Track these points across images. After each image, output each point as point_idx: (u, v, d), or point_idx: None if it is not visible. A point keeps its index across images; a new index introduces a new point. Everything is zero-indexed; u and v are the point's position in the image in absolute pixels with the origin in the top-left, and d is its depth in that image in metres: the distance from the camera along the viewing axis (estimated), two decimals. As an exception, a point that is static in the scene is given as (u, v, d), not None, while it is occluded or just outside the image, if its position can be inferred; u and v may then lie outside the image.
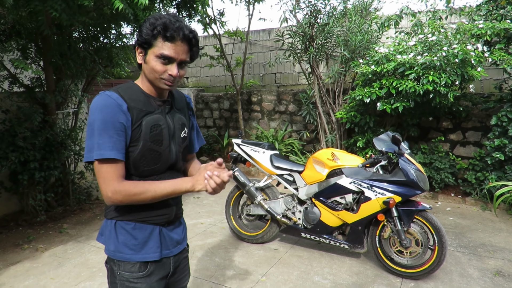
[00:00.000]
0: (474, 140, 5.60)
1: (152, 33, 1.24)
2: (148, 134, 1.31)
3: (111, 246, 1.37)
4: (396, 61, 4.60)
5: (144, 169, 1.34)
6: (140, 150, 1.31)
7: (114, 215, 1.38)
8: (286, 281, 3.13)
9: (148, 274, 1.38)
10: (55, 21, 3.96)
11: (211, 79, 9.37)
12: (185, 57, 1.29)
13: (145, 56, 1.29)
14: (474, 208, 5.01)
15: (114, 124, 1.24)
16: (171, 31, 1.23)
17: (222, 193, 5.71)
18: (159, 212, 1.39)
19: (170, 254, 1.46)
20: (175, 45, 1.25)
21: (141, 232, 1.37)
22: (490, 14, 4.90)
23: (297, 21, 5.97)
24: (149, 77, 1.32)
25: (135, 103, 1.31)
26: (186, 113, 1.53)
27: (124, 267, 1.36)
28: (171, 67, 1.27)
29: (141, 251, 1.37)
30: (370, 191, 3.16)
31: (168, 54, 1.25)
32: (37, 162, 4.36)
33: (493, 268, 3.31)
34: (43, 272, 3.33)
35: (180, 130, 1.45)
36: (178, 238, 1.50)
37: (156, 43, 1.25)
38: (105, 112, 1.24)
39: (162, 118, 1.37)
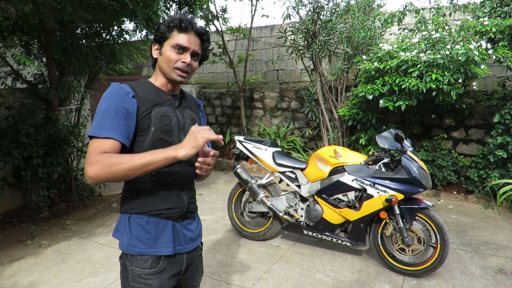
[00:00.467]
0: (477, 137, 5.59)
1: (169, 27, 1.38)
2: (158, 123, 1.36)
3: (125, 240, 1.39)
4: (399, 58, 4.58)
5: None
6: (150, 139, 1.34)
7: (128, 208, 1.40)
8: (288, 278, 3.14)
9: (160, 270, 1.39)
10: (57, 17, 3.96)
11: (213, 76, 9.36)
12: (198, 49, 1.40)
13: (161, 49, 1.40)
14: (476, 206, 5.01)
15: (117, 108, 1.29)
16: (185, 23, 1.37)
17: (225, 190, 5.74)
18: (170, 205, 1.41)
19: (183, 250, 1.46)
20: (189, 35, 1.38)
21: (154, 226, 1.39)
22: (495, 11, 4.87)
23: (300, 18, 5.95)
24: (163, 69, 1.40)
25: (144, 94, 1.38)
26: (196, 111, 1.59)
27: (136, 263, 1.37)
28: (185, 55, 1.38)
29: (154, 245, 1.38)
30: (372, 188, 3.16)
31: (182, 44, 1.36)
32: (40, 158, 4.38)
33: (495, 266, 3.31)
34: (46, 268, 3.35)
35: (191, 124, 1.48)
36: (192, 235, 1.51)
37: (171, 35, 1.38)
38: (111, 98, 1.31)
39: (171, 110, 1.42)
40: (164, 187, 1.40)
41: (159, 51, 1.41)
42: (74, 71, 5.00)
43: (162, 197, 1.40)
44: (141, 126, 1.34)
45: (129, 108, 1.31)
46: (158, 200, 1.39)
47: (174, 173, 1.42)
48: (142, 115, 1.34)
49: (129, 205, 1.40)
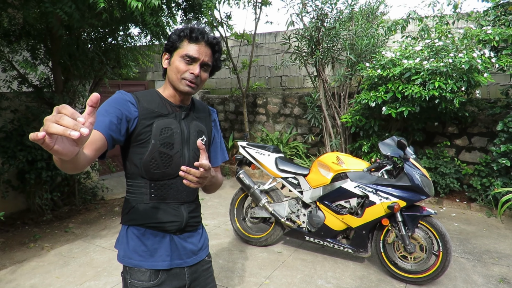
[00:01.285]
0: (480, 145, 5.58)
1: (179, 37, 1.35)
2: (158, 136, 1.32)
3: (121, 252, 1.38)
4: (402, 66, 4.59)
5: (154, 171, 1.34)
6: (149, 152, 1.32)
7: (126, 220, 1.39)
8: (290, 284, 3.14)
9: (159, 284, 1.36)
10: (64, 22, 4.01)
11: (216, 81, 9.41)
12: (208, 59, 1.36)
13: (171, 59, 1.38)
14: (479, 214, 4.99)
15: (110, 109, 1.25)
16: (196, 33, 1.33)
17: (227, 195, 5.74)
18: (168, 218, 1.38)
19: (183, 264, 1.42)
20: (199, 46, 1.34)
21: (151, 238, 1.37)
22: (498, 19, 4.89)
23: (304, 25, 5.99)
24: (172, 79, 1.37)
25: (148, 104, 1.35)
26: (207, 122, 1.53)
27: (134, 276, 1.35)
28: (194, 66, 1.34)
29: (150, 259, 1.36)
30: (375, 195, 3.16)
31: (192, 54, 1.33)
32: (44, 162, 4.41)
33: (498, 275, 3.30)
34: (48, 271, 3.36)
35: (196, 136, 1.44)
36: (193, 248, 1.46)
37: (181, 45, 1.35)
38: (110, 102, 1.28)
39: (174, 122, 1.38)
40: (162, 200, 1.38)
41: (168, 61, 1.38)
42: (79, 75, 5.05)
43: (160, 210, 1.37)
44: (141, 138, 1.32)
45: (124, 112, 1.27)
46: (156, 212, 1.37)
47: (174, 186, 1.39)
48: (143, 125, 1.31)
49: (127, 216, 1.39)
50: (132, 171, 1.36)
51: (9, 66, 4.57)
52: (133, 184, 1.38)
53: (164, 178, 1.36)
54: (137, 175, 1.36)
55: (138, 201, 1.37)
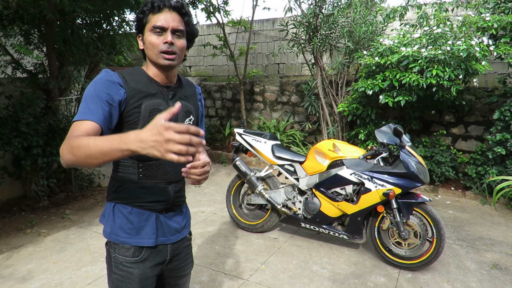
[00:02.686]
0: (476, 134, 5.59)
1: (143, 12, 1.32)
2: (147, 118, 1.30)
3: (108, 228, 1.40)
4: (400, 54, 4.57)
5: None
6: None
7: (113, 198, 1.40)
8: (285, 269, 3.17)
9: (142, 259, 1.39)
10: (57, 6, 3.95)
11: (214, 69, 9.35)
12: (177, 25, 1.32)
13: (143, 37, 1.35)
14: (473, 202, 5.03)
15: (101, 93, 1.24)
16: (157, 2, 1.29)
17: (223, 183, 5.76)
18: (155, 198, 1.39)
19: (167, 241, 1.45)
20: (164, 14, 1.30)
21: (137, 217, 1.38)
22: (498, 7, 4.85)
23: (302, 11, 5.92)
24: (150, 57, 1.34)
25: (135, 84, 1.32)
26: (194, 101, 1.53)
27: (119, 251, 1.38)
28: (165, 35, 1.30)
29: (136, 236, 1.38)
30: (370, 182, 3.18)
31: (159, 24, 1.29)
32: (40, 148, 4.39)
33: (490, 261, 3.34)
34: (45, 256, 3.38)
35: (184, 117, 1.43)
36: (177, 227, 1.49)
37: (148, 20, 1.32)
38: (96, 84, 1.26)
39: (163, 103, 1.36)
40: (150, 180, 1.38)
41: (142, 41, 1.36)
42: (74, 61, 5.00)
43: (147, 189, 1.38)
44: (129, 119, 1.30)
45: (114, 96, 1.26)
46: (143, 192, 1.38)
47: (161, 167, 1.39)
48: (131, 106, 1.30)
49: (114, 194, 1.39)
50: None
51: (2, 51, 4.51)
52: (120, 164, 1.38)
53: (153, 158, 1.35)
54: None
55: (125, 180, 1.37)
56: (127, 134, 0.97)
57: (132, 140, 0.95)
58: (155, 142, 0.89)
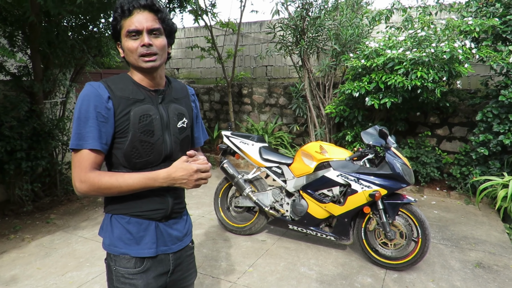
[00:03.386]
0: (460, 135, 5.70)
1: (115, 19, 1.28)
2: (137, 124, 1.28)
3: (107, 240, 1.36)
4: (386, 56, 4.64)
5: (136, 161, 1.30)
6: (130, 141, 1.28)
7: (110, 209, 1.36)
8: (273, 271, 3.18)
9: (144, 270, 1.35)
10: (42, 8, 3.89)
11: (202, 71, 9.33)
12: (152, 24, 1.27)
13: (121, 44, 1.31)
14: (458, 202, 5.12)
15: (93, 114, 1.23)
16: (126, 6, 1.25)
17: (211, 185, 5.74)
18: (153, 207, 1.36)
19: (168, 251, 1.41)
20: (136, 16, 1.26)
21: (136, 226, 1.35)
22: (480, 11, 4.95)
23: (289, 14, 5.96)
24: (132, 62, 1.30)
25: (121, 92, 1.29)
26: (186, 103, 1.49)
27: (119, 263, 1.34)
28: (142, 38, 1.26)
29: (136, 246, 1.34)
30: (357, 184, 3.21)
31: (132, 28, 1.25)
32: (24, 152, 4.31)
33: (474, 260, 3.41)
34: (29, 262, 3.32)
35: (177, 120, 1.40)
36: (178, 235, 1.45)
37: (122, 25, 1.28)
38: (86, 102, 1.24)
39: (152, 108, 1.33)
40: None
41: (122, 49, 1.32)
42: (59, 63, 4.93)
43: (145, 198, 1.34)
44: (120, 128, 1.27)
45: (105, 113, 1.24)
46: (141, 201, 1.34)
47: None
48: (120, 115, 1.27)
49: (111, 205, 1.36)
50: (113, 161, 1.33)
51: (-16, 54, 4.43)
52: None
53: (147, 166, 1.33)
54: (118, 164, 1.32)
55: None
56: (157, 173, 1.27)
57: (163, 178, 1.27)
58: (186, 180, 1.27)
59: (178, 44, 9.58)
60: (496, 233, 4.03)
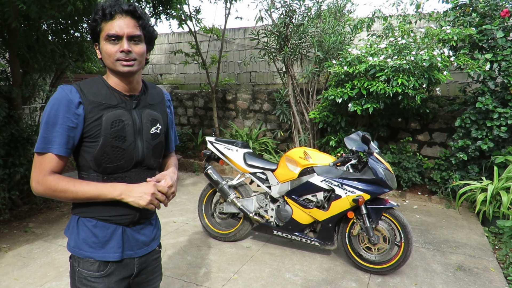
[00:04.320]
0: (440, 140, 5.84)
1: (95, 21, 1.28)
2: (109, 129, 1.27)
3: (72, 242, 1.35)
4: (368, 63, 4.72)
5: (107, 166, 1.30)
6: (101, 146, 1.27)
7: (78, 211, 1.35)
8: (258, 278, 3.16)
9: (107, 274, 1.34)
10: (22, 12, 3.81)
11: (185, 77, 9.28)
12: (132, 30, 1.27)
13: (99, 46, 1.31)
14: (439, 206, 5.22)
15: (61, 120, 1.23)
16: (108, 9, 1.25)
17: (195, 191, 5.69)
18: (121, 212, 1.35)
19: (134, 255, 1.41)
20: (117, 21, 1.25)
21: (103, 230, 1.34)
22: (457, 20, 5.11)
23: (273, 21, 6.01)
24: (109, 65, 1.30)
25: (94, 96, 1.28)
26: (161, 109, 1.49)
27: (83, 265, 1.33)
28: (121, 43, 1.26)
29: (101, 250, 1.33)
30: (340, 189, 3.24)
31: (113, 33, 1.25)
32: (1, 159, 4.18)
33: (455, 263, 3.47)
34: (6, 273, 3.20)
35: (150, 126, 1.40)
36: (145, 240, 1.45)
37: (101, 28, 1.27)
38: (55, 107, 1.24)
39: (125, 113, 1.32)
40: None
41: (99, 50, 1.31)
42: (39, 68, 4.82)
43: (113, 203, 1.31)
44: (90, 133, 1.26)
45: (74, 118, 1.24)
46: (109, 206, 1.32)
47: (128, 179, 1.35)
48: (91, 120, 1.26)
49: (78, 208, 1.35)
50: (83, 164, 1.32)
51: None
52: (84, 176, 1.34)
53: (118, 171, 1.33)
54: (88, 167, 1.32)
55: None
56: (115, 185, 1.28)
57: (122, 191, 1.27)
58: (142, 196, 1.27)
59: (162, 49, 9.52)
60: (476, 236, 4.13)
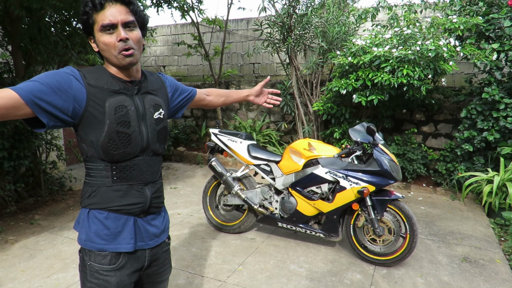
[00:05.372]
0: (445, 132, 5.79)
1: (86, 14, 1.25)
2: (113, 115, 1.26)
3: (83, 235, 1.34)
4: (372, 54, 4.67)
5: (114, 152, 1.28)
6: (106, 132, 1.25)
7: (87, 203, 1.34)
8: (263, 270, 3.17)
9: (119, 267, 1.34)
10: (24, 3, 3.79)
11: (188, 68, 9.24)
12: (126, 17, 1.25)
13: (95, 39, 1.28)
14: (444, 197, 5.20)
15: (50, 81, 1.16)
16: (98, 0, 1.22)
17: (200, 184, 5.70)
18: (131, 201, 1.34)
19: (145, 246, 1.41)
20: (108, 10, 1.23)
21: (114, 222, 1.33)
22: (464, 9, 5.03)
23: (276, 11, 5.94)
24: (109, 58, 1.29)
25: (96, 81, 1.27)
26: (163, 94, 1.49)
27: (94, 258, 1.33)
28: (118, 32, 1.24)
29: (113, 242, 1.33)
30: (345, 180, 3.22)
31: (107, 22, 1.22)
32: (5, 151, 4.20)
33: (461, 255, 3.46)
34: (13, 265, 3.23)
35: (153, 111, 1.39)
36: (156, 231, 1.45)
37: (94, 20, 1.25)
38: (51, 74, 1.19)
39: (127, 99, 1.32)
40: (125, 182, 1.33)
41: (95, 43, 1.29)
42: (42, 60, 4.81)
43: (123, 192, 1.32)
44: (95, 118, 1.25)
45: (68, 88, 1.19)
46: (119, 195, 1.32)
47: (136, 167, 1.34)
48: (94, 105, 1.24)
49: (88, 199, 1.34)
50: (91, 154, 1.30)
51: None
52: (92, 167, 1.32)
53: (125, 158, 1.31)
54: (96, 157, 1.30)
55: (99, 185, 1.32)
56: None
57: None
58: None
59: (165, 41, 9.47)
60: (481, 228, 4.11)
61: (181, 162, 7.43)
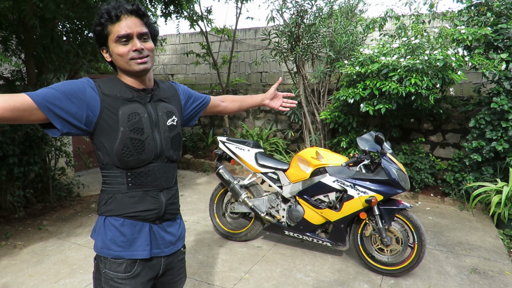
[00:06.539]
0: (453, 141, 5.76)
1: (101, 25, 1.29)
2: (126, 122, 1.29)
3: (99, 243, 1.35)
4: (380, 63, 4.68)
5: (129, 159, 1.30)
6: (120, 139, 1.28)
7: (104, 210, 1.36)
8: (269, 278, 3.16)
9: (134, 275, 1.34)
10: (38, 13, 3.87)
11: (196, 77, 9.33)
12: (141, 29, 1.30)
13: (109, 50, 1.33)
14: (452, 208, 5.15)
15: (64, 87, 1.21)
16: (114, 11, 1.26)
17: (206, 191, 5.71)
18: (147, 207, 1.36)
19: (161, 254, 1.41)
20: (124, 21, 1.28)
21: (130, 228, 1.34)
22: (472, 20, 5.04)
23: (284, 21, 6.00)
24: (122, 66, 1.33)
25: (110, 90, 1.31)
26: (176, 101, 1.52)
27: (110, 266, 1.33)
28: (132, 43, 1.29)
29: (129, 248, 1.34)
30: (353, 189, 3.21)
31: (123, 33, 1.27)
32: (16, 157, 4.26)
33: (469, 266, 3.42)
34: (21, 269, 3.26)
35: (166, 118, 1.42)
36: (171, 239, 1.45)
37: (109, 31, 1.29)
38: (67, 83, 1.24)
39: (140, 106, 1.35)
40: (140, 188, 1.35)
41: (109, 53, 1.34)
42: (53, 68, 4.90)
43: (138, 198, 1.34)
44: (109, 126, 1.28)
45: (82, 97, 1.23)
46: (134, 202, 1.34)
47: (151, 173, 1.36)
48: (108, 113, 1.28)
49: (104, 207, 1.36)
50: (106, 162, 1.33)
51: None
52: (108, 175, 1.35)
53: (140, 165, 1.33)
54: (111, 165, 1.32)
55: (115, 191, 1.34)
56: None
57: None
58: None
59: (173, 49, 9.58)
60: (490, 238, 4.06)
61: (188, 169, 7.46)
